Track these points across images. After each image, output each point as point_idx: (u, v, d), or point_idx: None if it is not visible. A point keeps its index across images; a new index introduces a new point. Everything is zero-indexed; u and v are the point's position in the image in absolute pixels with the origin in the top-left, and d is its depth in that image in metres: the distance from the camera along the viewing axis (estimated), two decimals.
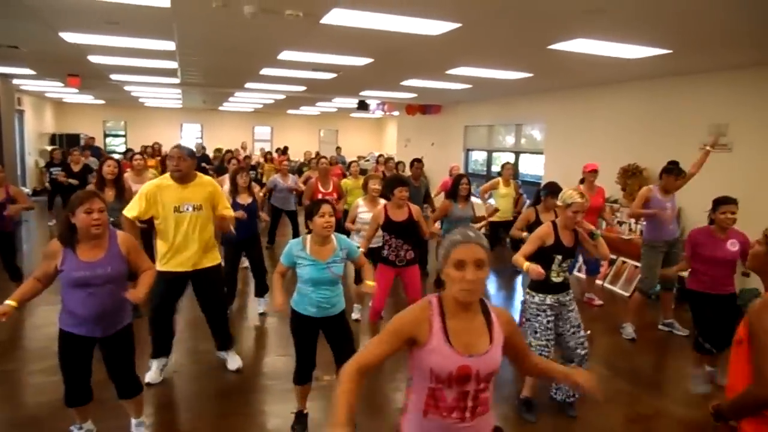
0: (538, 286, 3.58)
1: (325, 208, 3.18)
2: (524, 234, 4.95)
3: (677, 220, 5.46)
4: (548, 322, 3.57)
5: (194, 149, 4.69)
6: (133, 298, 2.85)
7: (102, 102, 17.21)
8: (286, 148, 16.25)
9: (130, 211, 3.76)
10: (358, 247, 4.58)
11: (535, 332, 3.59)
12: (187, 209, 3.77)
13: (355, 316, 5.49)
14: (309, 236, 3.25)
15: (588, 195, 5.93)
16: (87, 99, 16.17)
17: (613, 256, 7.42)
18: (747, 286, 6.15)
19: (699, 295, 4.14)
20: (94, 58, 7.60)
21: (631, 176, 7.62)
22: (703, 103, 6.76)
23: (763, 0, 3.79)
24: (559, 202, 3.59)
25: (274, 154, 15.15)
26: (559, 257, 3.53)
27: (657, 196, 5.32)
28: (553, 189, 4.88)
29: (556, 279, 3.57)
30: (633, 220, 7.35)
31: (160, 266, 3.79)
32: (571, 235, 3.59)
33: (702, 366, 4.20)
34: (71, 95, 14.89)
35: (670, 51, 5.49)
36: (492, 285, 7.47)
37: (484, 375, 1.71)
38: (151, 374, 3.99)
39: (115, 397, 3.09)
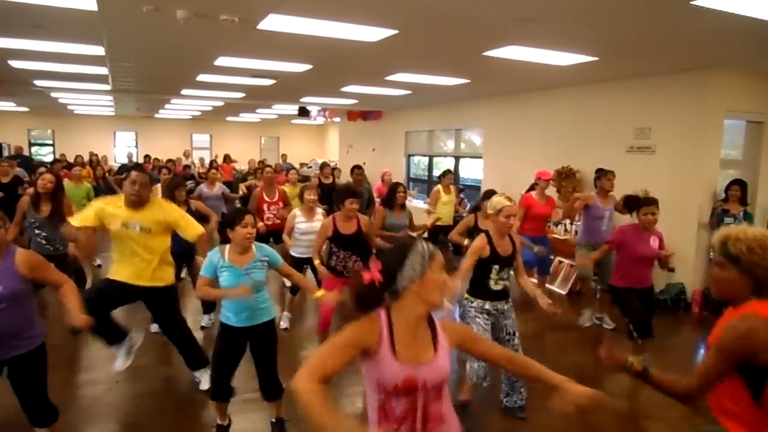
0: (476, 292, 3.61)
1: (249, 218, 3.09)
2: (465, 241, 5.00)
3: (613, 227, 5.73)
4: (486, 323, 3.59)
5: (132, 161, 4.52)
6: (79, 324, 2.74)
7: (26, 109, 16.30)
8: (227, 156, 15.93)
9: (75, 220, 3.67)
10: (305, 259, 4.49)
11: None
12: (135, 227, 3.61)
13: (283, 324, 5.39)
14: (227, 246, 3.16)
15: (540, 202, 6.15)
16: (8, 106, 15.27)
17: (550, 257, 7.69)
18: (672, 281, 6.52)
19: (624, 290, 4.37)
20: (15, 63, 7.20)
21: (565, 178, 7.93)
22: (628, 107, 7.14)
23: (674, 12, 4.06)
24: (489, 210, 3.61)
25: (219, 162, 14.85)
26: (497, 267, 3.56)
27: (597, 204, 5.61)
28: (489, 195, 4.99)
29: (494, 287, 3.59)
30: (568, 221, 7.65)
31: (109, 273, 3.77)
32: (507, 244, 3.61)
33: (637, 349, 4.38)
34: None
35: (596, 58, 5.77)
36: None
37: (432, 385, 1.72)
38: (119, 362, 3.86)
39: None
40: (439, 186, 7.76)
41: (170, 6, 4.23)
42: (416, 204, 10.68)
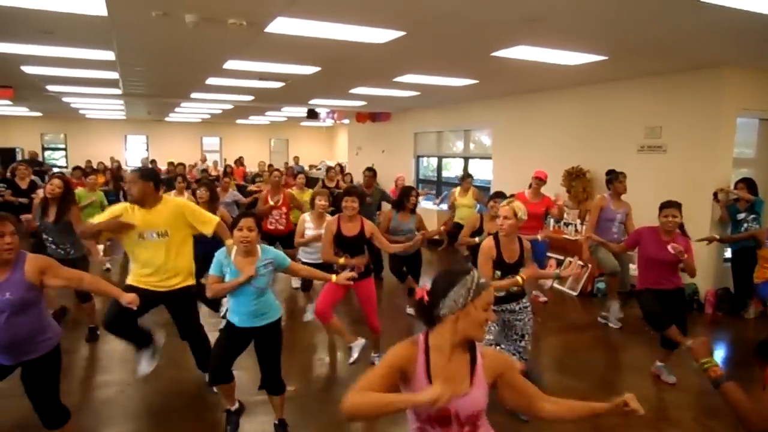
0: None
1: (245, 222, 3.08)
2: (475, 240, 4.90)
3: (624, 231, 5.67)
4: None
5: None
6: (129, 303, 2.95)
7: (39, 114, 16.48)
8: (241, 159, 16.05)
9: (96, 219, 3.67)
10: (313, 265, 4.49)
11: None
12: (152, 236, 3.57)
13: (307, 317, 5.57)
14: (235, 247, 3.17)
15: (530, 202, 6.04)
16: (22, 111, 15.45)
17: (560, 257, 7.64)
18: (685, 281, 6.44)
19: (641, 291, 4.27)
20: (28, 69, 7.28)
21: (575, 178, 7.88)
22: (638, 107, 7.08)
23: (684, 10, 4.02)
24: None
25: (232, 165, 15.01)
26: (498, 272, 3.45)
27: (610, 207, 5.58)
28: (497, 195, 4.96)
29: (497, 292, 3.42)
30: (579, 221, 7.60)
31: (128, 280, 3.71)
32: (515, 249, 3.51)
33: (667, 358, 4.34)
34: (4, 107, 14.18)
35: (606, 57, 5.73)
36: None
37: (465, 417, 1.71)
38: (145, 365, 3.84)
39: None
40: (456, 189, 7.78)
41: (179, 11, 4.26)
42: (424, 205, 10.65)
